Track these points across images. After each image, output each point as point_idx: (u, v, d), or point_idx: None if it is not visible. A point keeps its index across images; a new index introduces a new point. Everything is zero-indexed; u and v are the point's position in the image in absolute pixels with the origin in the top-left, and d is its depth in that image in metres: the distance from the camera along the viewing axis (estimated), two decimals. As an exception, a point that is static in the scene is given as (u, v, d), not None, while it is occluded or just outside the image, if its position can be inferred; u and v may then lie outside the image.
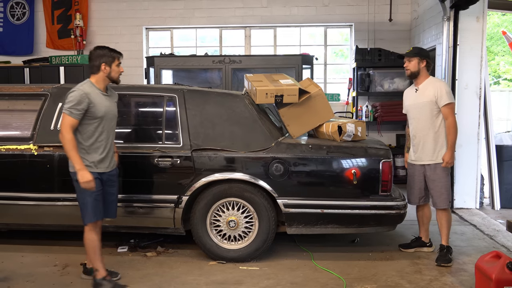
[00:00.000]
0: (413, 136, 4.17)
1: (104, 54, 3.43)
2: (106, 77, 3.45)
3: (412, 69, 4.11)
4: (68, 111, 3.29)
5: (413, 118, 4.17)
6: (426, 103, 4.05)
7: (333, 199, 3.91)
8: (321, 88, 4.23)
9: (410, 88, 4.29)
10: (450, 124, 4.00)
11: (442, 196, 4.05)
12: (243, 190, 3.93)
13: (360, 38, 7.85)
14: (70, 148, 3.27)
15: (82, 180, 3.28)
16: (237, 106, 4.11)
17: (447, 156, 4.01)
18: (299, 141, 4.07)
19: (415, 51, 4.14)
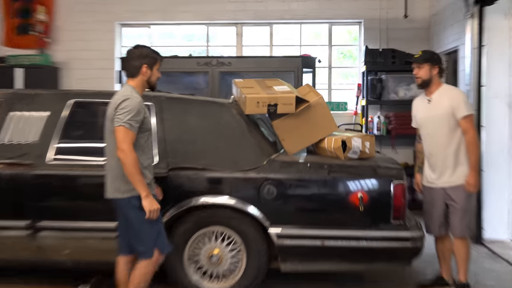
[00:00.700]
0: (429, 155, 4.15)
1: (147, 55, 3.48)
2: (145, 82, 3.49)
3: (424, 77, 4.12)
4: (128, 124, 3.27)
5: (427, 134, 4.15)
6: (442, 116, 4.04)
7: (336, 228, 3.84)
8: (322, 96, 4.21)
9: (420, 98, 4.29)
10: (471, 140, 3.98)
11: (463, 222, 4.02)
12: (229, 217, 3.87)
13: (370, 37, 7.86)
14: (136, 170, 3.27)
15: (151, 208, 3.31)
16: (223, 116, 4.07)
17: (472, 179, 3.97)
18: (295, 159, 4.03)
19: (425, 56, 4.15)
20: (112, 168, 3.38)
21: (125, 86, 3.46)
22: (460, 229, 4.03)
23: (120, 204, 3.38)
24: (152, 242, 3.41)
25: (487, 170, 5.61)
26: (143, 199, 3.29)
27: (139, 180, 3.28)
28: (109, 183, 3.41)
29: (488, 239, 5.67)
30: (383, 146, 7.61)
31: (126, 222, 3.43)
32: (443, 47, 7.07)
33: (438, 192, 4.10)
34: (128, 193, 3.34)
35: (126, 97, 3.32)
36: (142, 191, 3.29)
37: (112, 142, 3.36)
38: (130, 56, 3.48)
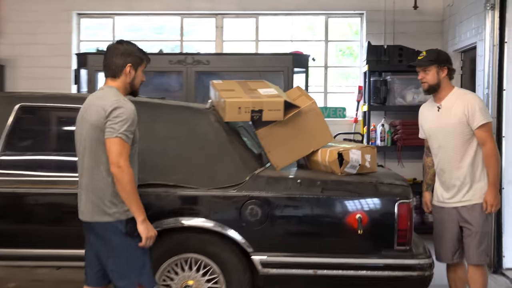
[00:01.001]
0: (440, 171, 4.25)
1: (132, 53, 3.49)
2: (128, 84, 3.50)
3: (431, 82, 4.21)
4: (124, 135, 3.27)
5: (438, 147, 4.24)
6: (454, 125, 4.13)
7: (331, 255, 3.91)
8: (315, 101, 4.29)
9: (428, 105, 4.38)
10: (489, 152, 4.08)
11: (480, 248, 4.10)
12: (205, 242, 3.92)
13: (374, 32, 7.99)
14: (134, 189, 3.29)
15: (148, 234, 3.35)
16: (199, 124, 4.12)
17: (491, 197, 4.08)
18: (284, 174, 4.09)
19: (430, 57, 4.22)
20: (95, 187, 3.36)
21: (108, 89, 3.44)
22: (477, 256, 4.11)
23: (102, 228, 3.36)
24: (137, 275, 3.40)
25: (508, 188, 5.72)
26: (139, 224, 3.31)
27: (136, 200, 3.30)
28: (89, 203, 3.38)
29: (509, 267, 5.75)
30: (387, 159, 7.72)
31: (104, 249, 3.41)
32: (458, 44, 7.20)
33: (451, 213, 4.19)
34: (117, 215, 3.34)
35: (119, 103, 3.30)
36: (139, 215, 3.30)
37: (95, 154, 3.34)
38: (112, 52, 3.48)
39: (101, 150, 3.32)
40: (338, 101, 8.35)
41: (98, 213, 3.36)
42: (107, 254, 3.40)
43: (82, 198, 3.44)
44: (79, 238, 3.90)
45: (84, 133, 3.39)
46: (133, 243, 3.35)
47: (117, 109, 3.29)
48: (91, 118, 3.35)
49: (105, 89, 3.46)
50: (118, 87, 3.46)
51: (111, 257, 3.40)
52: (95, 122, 3.32)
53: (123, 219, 3.34)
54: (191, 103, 5.33)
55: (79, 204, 3.47)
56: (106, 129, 3.28)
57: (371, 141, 7.52)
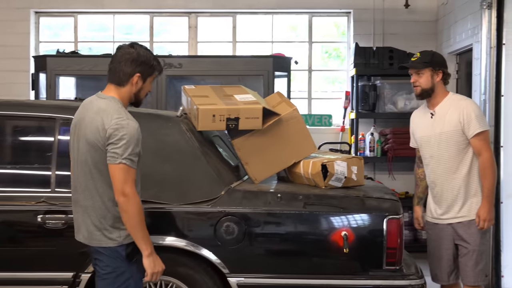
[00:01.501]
0: (432, 183, 4.30)
1: (145, 62, 3.38)
2: (133, 94, 3.44)
3: (424, 86, 4.25)
4: (129, 160, 3.21)
5: (430, 157, 4.29)
6: (448, 134, 4.18)
7: (314, 276, 3.93)
8: (296, 108, 4.32)
9: (420, 111, 4.43)
10: (486, 163, 4.13)
11: (477, 267, 4.15)
12: (177, 263, 3.92)
13: (362, 32, 8.07)
14: (141, 220, 3.25)
15: (155, 270, 3.30)
16: (170, 134, 4.14)
17: (484, 211, 4.13)
18: (262, 188, 4.12)
19: (424, 58, 4.27)
20: (93, 208, 3.32)
21: (110, 101, 3.34)
22: (474, 277, 4.16)
23: (101, 253, 3.34)
24: None
25: (507, 202, 5.79)
26: (144, 258, 3.27)
27: (143, 234, 3.25)
28: (88, 225, 3.35)
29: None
30: (377, 171, 7.78)
31: (98, 271, 3.40)
32: (453, 46, 7.30)
33: (446, 230, 4.24)
34: (120, 240, 3.31)
35: (121, 123, 3.22)
36: (145, 248, 3.26)
37: (91, 175, 3.31)
38: (121, 56, 3.37)
39: (99, 171, 3.28)
40: (323, 108, 8.40)
41: (99, 237, 3.33)
42: (101, 276, 3.39)
43: (79, 219, 3.40)
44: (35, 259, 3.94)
45: (81, 148, 3.34)
46: (130, 269, 3.34)
47: (119, 130, 3.21)
48: (88, 134, 3.29)
49: (106, 99, 3.35)
50: (122, 98, 3.38)
51: (104, 281, 3.37)
52: (92, 141, 3.26)
53: (125, 243, 3.33)
54: (161, 110, 5.35)
55: (75, 225, 3.45)
56: (108, 152, 3.22)
57: (359, 151, 7.57)
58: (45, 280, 3.93)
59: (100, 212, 3.32)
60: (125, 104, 3.43)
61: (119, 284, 3.33)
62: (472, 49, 6.65)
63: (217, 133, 4.62)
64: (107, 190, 3.29)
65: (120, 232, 3.31)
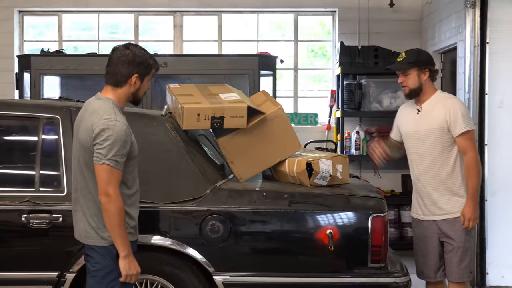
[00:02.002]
0: (416, 179, 4.34)
1: (141, 62, 3.41)
2: (131, 95, 3.46)
3: (411, 86, 4.27)
4: (113, 161, 3.22)
5: (415, 153, 4.33)
6: (434, 131, 4.21)
7: (299, 274, 3.96)
8: (281, 107, 4.34)
9: (408, 106, 4.46)
10: (470, 162, 4.16)
11: (463, 264, 4.18)
12: (162, 262, 3.94)
13: (347, 31, 8.11)
14: (119, 221, 3.26)
15: (129, 272, 3.32)
16: (154, 133, 4.15)
17: (468, 210, 4.16)
18: (248, 187, 4.13)
19: (409, 59, 4.28)
20: (88, 208, 3.36)
21: (104, 101, 3.36)
22: (459, 273, 4.19)
23: (94, 250, 3.36)
24: None
25: (492, 200, 5.84)
26: (121, 259, 3.29)
27: (121, 234, 3.27)
28: (83, 223, 3.38)
29: (493, 285, 5.87)
30: (363, 170, 7.81)
31: (89, 268, 3.41)
32: (438, 44, 7.34)
33: (431, 227, 4.27)
34: (111, 239, 3.32)
35: (108, 123, 3.25)
36: (122, 249, 3.29)
37: (83, 175, 3.34)
38: (117, 58, 3.39)
39: (90, 171, 3.31)
40: (309, 107, 8.44)
41: (91, 236, 3.36)
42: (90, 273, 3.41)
43: (77, 217, 3.44)
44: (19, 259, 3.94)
45: (76, 148, 3.40)
46: (118, 269, 3.33)
47: (105, 131, 3.23)
48: (80, 134, 3.34)
49: (102, 100, 3.38)
50: (118, 99, 3.41)
51: (93, 278, 3.39)
52: (83, 141, 3.31)
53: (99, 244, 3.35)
54: (146, 109, 5.34)
55: (74, 223, 3.49)
56: (94, 152, 3.25)
57: (345, 149, 7.60)
58: (30, 279, 3.93)
59: (93, 211, 3.35)
60: (122, 105, 3.46)
61: (107, 283, 3.34)
62: (457, 47, 6.69)
63: (202, 132, 4.63)
64: (96, 190, 3.31)
65: None
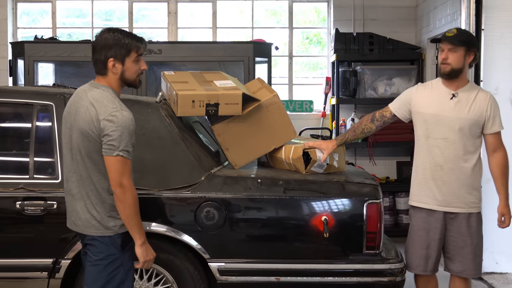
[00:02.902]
0: (438, 166, 4.08)
1: (113, 43, 3.32)
2: (119, 80, 3.39)
3: (455, 65, 3.99)
4: (126, 152, 3.22)
5: (443, 138, 4.07)
6: (471, 121, 4.02)
7: (294, 261, 3.97)
8: (277, 94, 4.34)
9: (434, 87, 4.17)
10: (505, 160, 4.11)
11: (476, 259, 4.13)
12: (157, 249, 3.86)
13: (342, 18, 8.09)
14: (136, 211, 3.27)
15: (147, 257, 3.34)
16: (149, 119, 4.14)
17: (507, 209, 4.14)
18: (243, 174, 4.14)
19: (462, 36, 4.03)
20: (88, 198, 3.32)
21: (104, 90, 3.33)
22: (474, 269, 4.12)
23: (97, 241, 3.33)
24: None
25: (487, 186, 5.83)
26: (138, 247, 3.29)
27: (137, 223, 3.28)
28: (83, 214, 3.34)
29: (487, 272, 5.91)
30: (358, 157, 7.84)
31: (90, 257, 3.38)
32: (433, 32, 7.33)
33: (439, 219, 4.10)
34: (116, 229, 3.32)
35: (114, 113, 3.22)
36: (139, 237, 3.29)
37: (85, 165, 3.30)
38: (94, 46, 3.35)
39: (92, 160, 3.28)
40: (304, 94, 8.44)
41: (94, 226, 3.33)
42: (92, 262, 3.38)
43: (74, 207, 3.38)
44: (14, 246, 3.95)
45: (74, 137, 3.32)
46: (122, 257, 3.35)
47: (113, 122, 3.20)
48: (81, 124, 3.27)
49: (100, 88, 3.33)
50: (112, 86, 3.37)
51: (95, 267, 3.36)
52: (85, 131, 3.25)
53: (120, 232, 3.34)
54: (141, 96, 5.33)
55: (68, 213, 3.44)
56: (104, 144, 3.21)
57: (340, 137, 7.59)
58: (25, 266, 3.95)
59: (95, 201, 3.32)
60: (118, 92, 3.42)
61: (109, 272, 3.33)
62: (452, 34, 6.66)
63: (197, 119, 4.63)
64: (101, 180, 3.29)
65: (115, 221, 3.32)
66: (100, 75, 3.38)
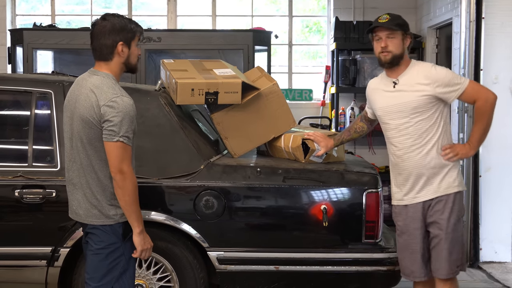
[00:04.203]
0: (398, 158, 3.83)
1: (123, 27, 3.32)
2: (123, 65, 3.39)
3: (396, 51, 3.75)
4: (126, 138, 3.20)
5: (394, 129, 3.84)
6: (418, 102, 3.72)
7: (293, 250, 3.98)
8: (276, 83, 4.33)
9: (378, 80, 3.99)
10: (483, 104, 3.70)
11: (452, 257, 3.70)
12: (156, 237, 3.89)
13: (342, 7, 8.07)
14: (135, 198, 3.26)
15: (145, 246, 3.33)
16: (148, 108, 4.14)
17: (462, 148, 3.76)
18: (242, 162, 4.14)
19: (397, 20, 3.78)
20: (90, 186, 3.30)
21: (104, 77, 3.30)
22: (447, 268, 3.70)
23: (99, 230, 3.32)
24: (115, 280, 3.34)
25: (486, 176, 5.86)
26: (136, 235, 3.28)
27: (136, 211, 3.27)
28: (84, 203, 3.32)
29: (486, 261, 5.92)
30: (357, 146, 7.83)
31: (92, 247, 3.36)
32: (433, 20, 7.31)
33: (417, 213, 3.76)
34: (117, 218, 3.31)
35: (115, 99, 3.20)
36: (137, 225, 3.28)
37: (86, 153, 3.28)
38: (98, 32, 3.32)
39: (94, 148, 3.26)
40: (304, 83, 8.42)
41: (95, 215, 3.31)
42: (93, 251, 3.36)
43: (75, 196, 3.37)
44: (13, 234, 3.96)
45: (75, 126, 3.30)
46: (124, 246, 3.34)
47: (114, 108, 3.18)
48: (82, 111, 3.25)
49: (99, 75, 3.31)
50: (114, 72, 3.35)
51: (97, 256, 3.35)
52: (86, 118, 3.23)
53: (121, 221, 3.32)
54: (140, 84, 5.33)
55: (70, 203, 3.43)
56: (104, 130, 3.20)
57: (340, 126, 7.61)
58: (24, 254, 3.96)
59: (96, 189, 3.30)
60: (118, 78, 3.41)
61: (111, 260, 3.32)
62: (452, 23, 6.66)
63: (196, 108, 4.63)
64: (103, 167, 3.27)
65: (116, 209, 3.30)
66: (102, 61, 3.35)
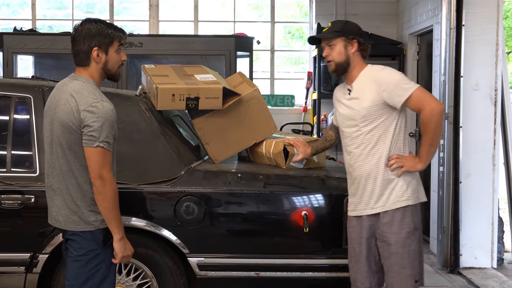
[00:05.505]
0: (350, 167, 3.70)
1: (98, 32, 3.29)
2: (102, 70, 3.35)
3: (337, 59, 3.63)
4: (106, 143, 3.17)
5: (347, 137, 3.71)
6: (367, 110, 3.57)
7: (274, 256, 3.98)
8: (257, 88, 4.34)
9: (340, 87, 3.86)
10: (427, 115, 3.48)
11: (405, 272, 3.52)
12: (136, 243, 3.87)
13: (324, 13, 8.10)
14: (115, 204, 3.23)
15: (125, 253, 3.30)
16: (128, 113, 4.12)
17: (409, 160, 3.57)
18: (223, 168, 4.13)
19: (336, 27, 3.67)
20: (70, 192, 3.27)
21: (84, 82, 3.26)
22: (402, 283, 3.52)
23: (79, 236, 3.28)
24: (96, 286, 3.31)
25: (466, 182, 5.89)
26: (116, 242, 3.26)
27: (116, 217, 3.24)
28: (64, 209, 3.29)
29: (466, 267, 5.95)
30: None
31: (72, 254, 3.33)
32: (414, 27, 7.36)
33: (365, 223, 3.63)
34: (97, 224, 3.27)
35: (95, 105, 3.17)
36: (117, 232, 3.25)
37: (66, 158, 3.24)
38: (75, 38, 3.31)
39: (73, 153, 3.23)
40: (286, 89, 8.46)
41: (75, 221, 3.28)
42: (73, 258, 3.33)
43: (54, 202, 3.34)
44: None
45: (55, 131, 3.27)
46: (104, 252, 3.31)
47: (93, 113, 3.16)
48: (62, 116, 3.22)
49: (80, 80, 3.28)
50: (93, 78, 3.32)
51: (76, 263, 3.31)
52: (66, 123, 3.20)
53: (101, 228, 3.29)
54: (121, 89, 5.31)
55: (50, 209, 3.39)
56: (84, 135, 3.17)
57: (321, 132, 7.62)
58: (2, 261, 3.92)
59: (76, 195, 3.27)
60: (98, 84, 3.38)
61: (91, 267, 3.29)
62: (433, 30, 6.71)
63: (177, 113, 4.62)
64: (83, 173, 3.24)
65: (97, 216, 3.27)
66: (81, 67, 3.33)
